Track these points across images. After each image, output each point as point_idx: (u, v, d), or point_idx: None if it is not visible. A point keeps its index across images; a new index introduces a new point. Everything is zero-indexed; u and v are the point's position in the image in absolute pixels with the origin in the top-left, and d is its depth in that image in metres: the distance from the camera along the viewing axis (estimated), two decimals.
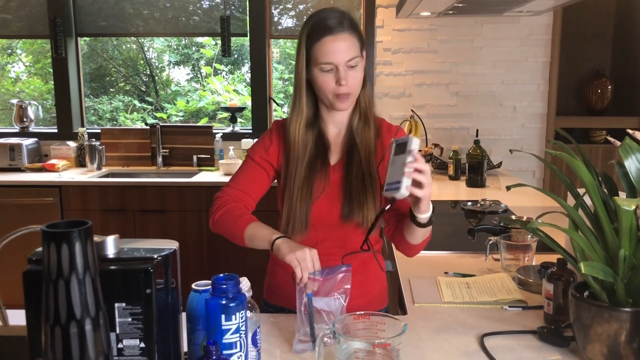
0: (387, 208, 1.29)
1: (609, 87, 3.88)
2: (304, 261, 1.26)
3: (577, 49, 4.02)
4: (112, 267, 0.99)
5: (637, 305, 1.07)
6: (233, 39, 4.01)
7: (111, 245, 1.01)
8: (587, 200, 1.16)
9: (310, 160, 1.50)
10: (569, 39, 3.91)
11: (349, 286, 1.28)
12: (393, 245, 1.55)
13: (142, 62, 5.28)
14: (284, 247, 1.31)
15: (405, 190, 1.21)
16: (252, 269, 1.77)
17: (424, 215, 1.33)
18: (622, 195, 1.16)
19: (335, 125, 1.55)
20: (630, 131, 1.17)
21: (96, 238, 0.99)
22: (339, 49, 1.41)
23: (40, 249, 0.88)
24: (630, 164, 1.08)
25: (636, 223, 1.04)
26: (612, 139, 1.22)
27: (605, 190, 1.17)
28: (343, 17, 1.44)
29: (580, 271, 1.03)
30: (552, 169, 1.25)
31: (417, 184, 1.23)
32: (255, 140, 1.64)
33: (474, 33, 3.72)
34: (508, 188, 1.23)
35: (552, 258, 1.45)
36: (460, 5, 2.58)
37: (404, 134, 1.55)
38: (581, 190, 1.19)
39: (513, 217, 2.28)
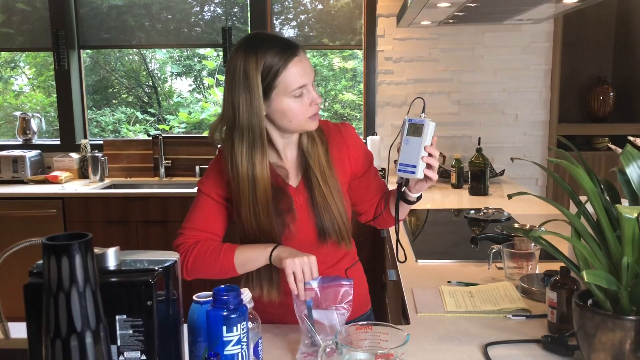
0: (403, 189, 1.42)
1: (611, 93, 3.87)
2: (300, 272, 1.25)
3: (579, 56, 4.02)
4: (113, 279, 0.99)
5: None
6: None
7: (112, 257, 1.01)
8: (589, 207, 1.15)
9: (274, 191, 1.42)
10: (570, 46, 3.92)
11: (350, 300, 1.27)
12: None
13: (144, 73, 5.30)
14: (284, 253, 1.30)
15: (421, 173, 1.35)
16: None
17: (416, 195, 1.44)
18: (625, 202, 1.16)
19: (289, 148, 1.48)
20: (631, 138, 1.16)
21: (97, 250, 0.99)
22: (307, 66, 1.35)
23: (41, 261, 0.88)
24: (632, 171, 1.08)
25: (639, 230, 1.04)
26: (613, 147, 1.22)
27: (607, 197, 1.16)
28: (283, 37, 1.38)
29: (583, 280, 1.03)
30: (554, 177, 1.25)
31: (428, 166, 1.34)
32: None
33: (474, 41, 3.73)
34: (510, 197, 1.23)
35: (556, 266, 1.44)
36: (460, 14, 2.59)
37: (352, 129, 1.56)
38: (583, 198, 1.18)
39: (516, 225, 2.27)
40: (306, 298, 1.25)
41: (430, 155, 1.33)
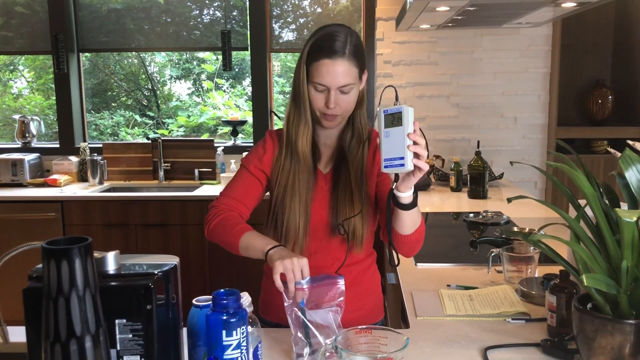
0: (394, 186, 1.31)
1: (610, 97, 3.88)
2: (290, 272, 1.25)
3: (577, 60, 4.03)
4: (113, 284, 0.99)
5: None
6: (234, 53, 4.03)
7: (111, 261, 1.01)
8: (588, 211, 1.15)
9: (307, 169, 1.52)
10: (569, 49, 3.93)
11: (342, 298, 1.28)
12: (392, 249, 1.53)
13: (143, 76, 5.30)
14: (275, 255, 1.31)
15: (411, 164, 1.23)
16: (254, 284, 1.76)
17: (406, 193, 1.31)
18: (624, 206, 1.16)
19: (326, 137, 1.57)
20: (630, 142, 1.17)
21: (96, 254, 0.99)
22: (334, 74, 1.40)
23: (41, 265, 0.88)
24: (631, 175, 1.08)
25: (638, 234, 1.04)
26: (612, 150, 1.22)
27: (606, 201, 1.16)
28: (348, 40, 1.42)
29: (582, 283, 1.03)
30: (553, 181, 1.25)
31: (416, 156, 1.24)
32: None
33: (473, 45, 3.74)
34: (509, 200, 1.23)
35: (555, 269, 1.44)
36: (459, 17, 2.59)
37: None
38: (582, 202, 1.18)
39: (515, 228, 2.27)
40: (297, 299, 1.25)
41: (415, 143, 1.23)
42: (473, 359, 1.25)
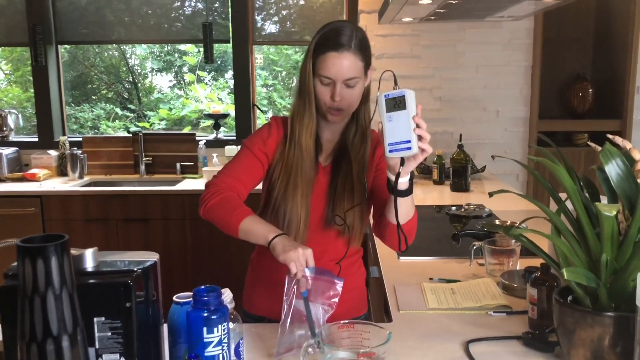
0: (400, 170, 1.30)
1: (590, 90, 3.91)
2: (298, 261, 1.26)
3: (558, 53, 4.05)
4: (91, 281, 0.97)
5: (620, 309, 1.07)
6: (216, 45, 3.99)
7: (90, 259, 1.00)
8: (569, 205, 1.16)
9: (310, 163, 1.52)
10: (550, 43, 3.95)
11: (336, 300, 1.28)
12: (383, 242, 1.53)
13: (124, 69, 5.23)
14: (279, 247, 1.30)
15: (417, 147, 1.24)
16: (237, 278, 1.75)
17: (404, 179, 1.33)
18: (604, 199, 1.17)
19: (330, 132, 1.57)
20: (610, 136, 1.17)
21: (74, 251, 0.97)
22: (340, 66, 1.42)
23: (16, 263, 0.86)
24: (611, 169, 1.09)
25: (617, 228, 1.05)
26: (592, 144, 1.22)
27: (586, 195, 1.17)
28: (354, 35, 1.43)
29: (563, 277, 1.03)
30: (534, 175, 1.25)
31: (419, 138, 1.26)
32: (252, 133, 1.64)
33: (456, 38, 3.74)
34: (490, 194, 1.23)
35: (536, 262, 1.45)
36: (442, 11, 2.59)
37: None
38: (563, 195, 1.19)
39: (497, 221, 2.29)
40: (301, 288, 1.26)
41: (418, 126, 1.25)
42: (455, 352, 1.25)
